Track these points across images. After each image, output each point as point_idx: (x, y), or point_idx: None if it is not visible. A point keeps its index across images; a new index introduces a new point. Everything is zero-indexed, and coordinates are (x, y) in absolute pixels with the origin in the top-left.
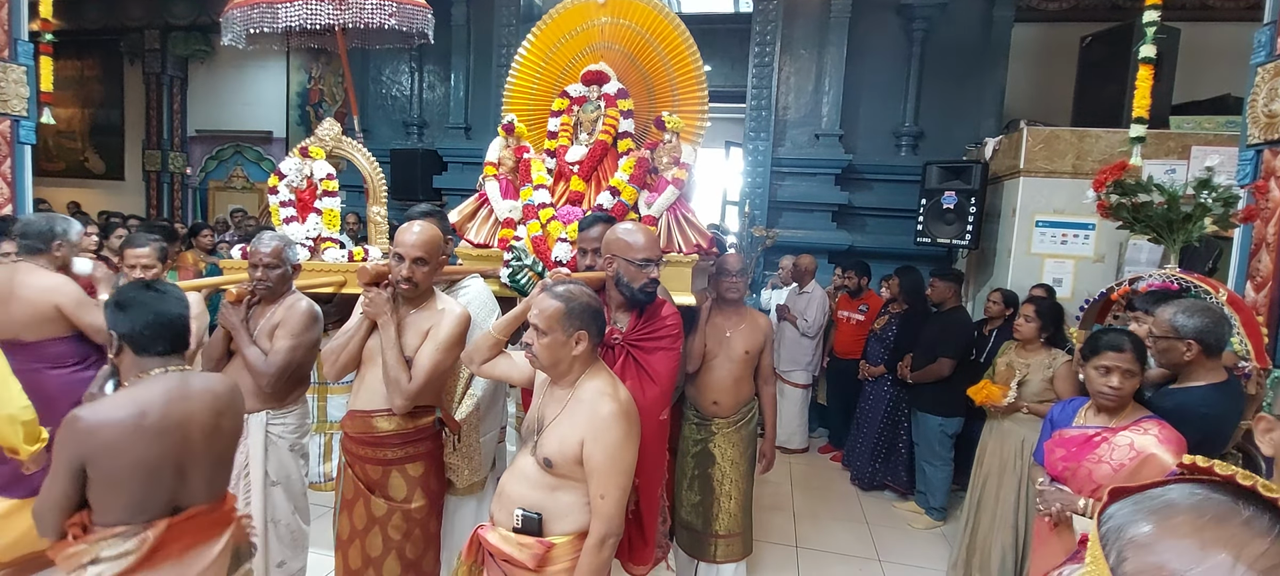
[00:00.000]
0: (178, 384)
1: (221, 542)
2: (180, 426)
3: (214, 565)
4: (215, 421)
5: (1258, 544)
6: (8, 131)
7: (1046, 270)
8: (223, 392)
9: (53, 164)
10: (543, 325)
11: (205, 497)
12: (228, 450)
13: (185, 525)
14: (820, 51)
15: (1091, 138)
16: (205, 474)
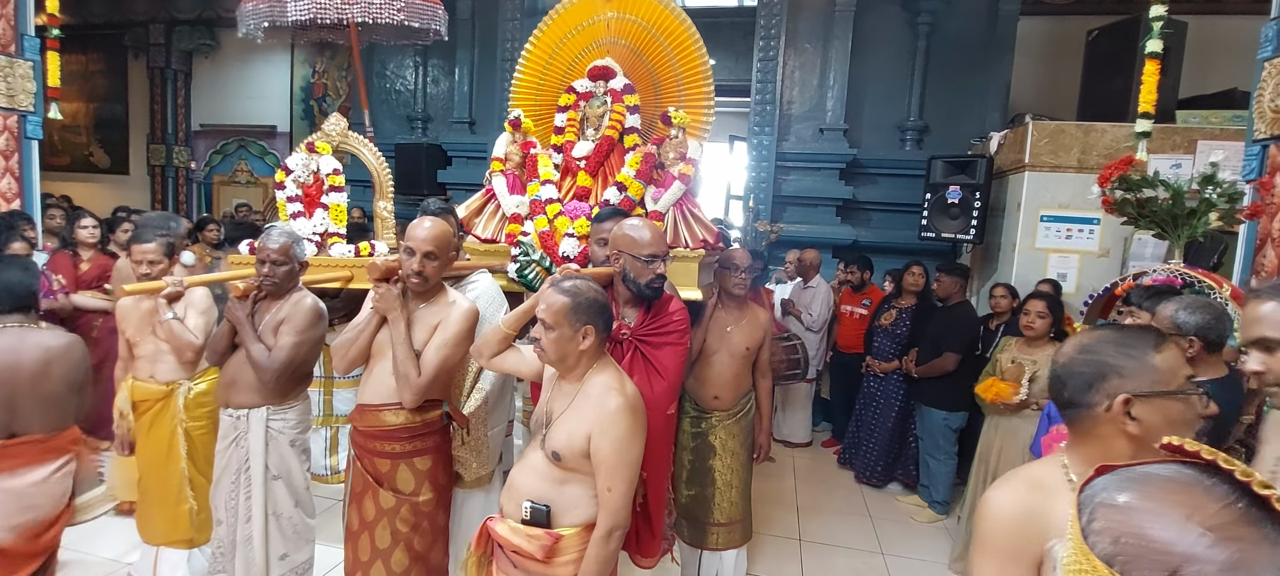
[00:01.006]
0: (14, 338)
1: (52, 466)
2: (9, 370)
3: (46, 483)
4: (44, 369)
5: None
6: (15, 126)
7: (1051, 265)
8: (56, 346)
9: (58, 158)
10: (550, 320)
11: (39, 429)
12: (59, 393)
13: (15, 448)
14: (825, 45)
15: (1097, 132)
16: (35, 410)
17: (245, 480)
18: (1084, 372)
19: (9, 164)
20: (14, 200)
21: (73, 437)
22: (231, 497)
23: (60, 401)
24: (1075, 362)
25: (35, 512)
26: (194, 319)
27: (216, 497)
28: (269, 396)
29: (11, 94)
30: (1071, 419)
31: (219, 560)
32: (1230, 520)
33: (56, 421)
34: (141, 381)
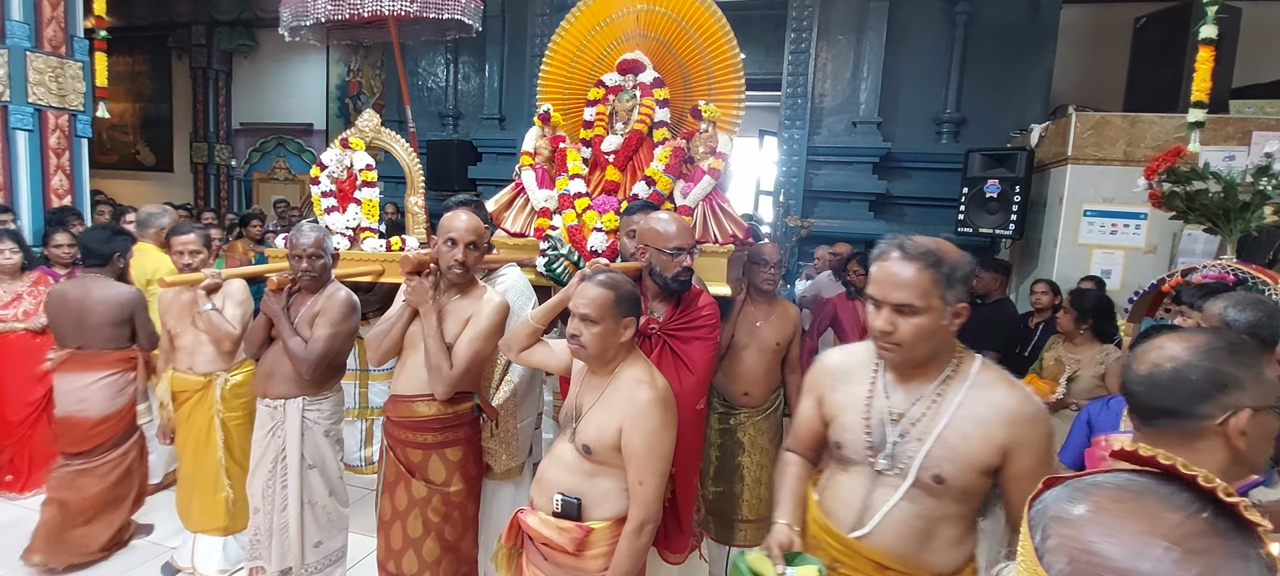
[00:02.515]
0: (89, 282)
1: (98, 375)
2: (80, 303)
3: (93, 387)
4: (101, 307)
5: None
6: (66, 125)
7: (1094, 261)
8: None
9: (107, 156)
10: (594, 314)
11: (95, 347)
12: (108, 325)
13: (79, 357)
14: (858, 37)
15: (1144, 123)
16: (93, 334)
17: (282, 469)
18: (1196, 381)
19: (61, 161)
20: (65, 196)
21: (119, 358)
22: (268, 486)
23: (110, 331)
24: (1187, 369)
25: (85, 406)
26: (231, 309)
27: (253, 486)
28: (305, 387)
29: (63, 94)
30: (1164, 427)
31: (256, 547)
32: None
33: (105, 343)
34: (181, 372)
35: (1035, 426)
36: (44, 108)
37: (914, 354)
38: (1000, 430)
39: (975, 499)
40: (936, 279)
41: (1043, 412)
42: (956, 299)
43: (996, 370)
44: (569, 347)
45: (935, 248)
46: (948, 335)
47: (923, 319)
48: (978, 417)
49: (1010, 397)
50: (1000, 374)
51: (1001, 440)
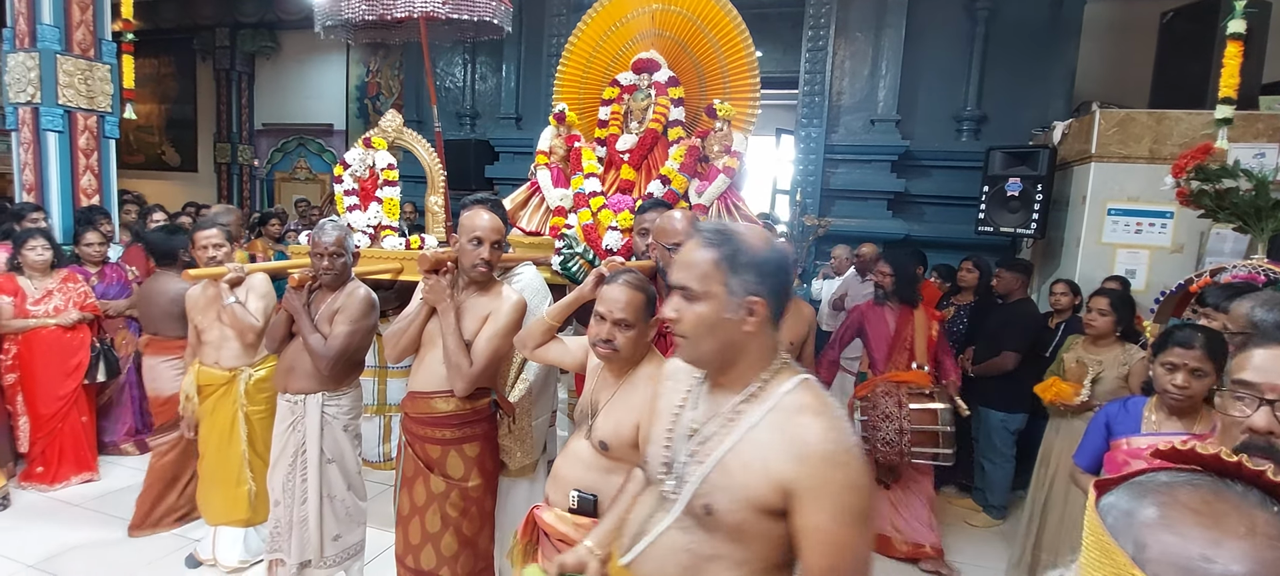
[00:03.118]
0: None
1: (163, 358)
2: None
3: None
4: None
5: (1260, 515)
6: (95, 126)
7: (1119, 261)
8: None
9: (133, 156)
10: (630, 317)
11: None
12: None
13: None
14: (877, 34)
15: (1171, 120)
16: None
17: (301, 463)
18: None
19: (89, 161)
20: (94, 196)
21: (181, 345)
22: (289, 479)
23: (172, 321)
24: None
25: (158, 385)
26: (254, 303)
27: (274, 479)
28: (324, 383)
29: (92, 96)
30: None
31: (276, 539)
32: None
33: (170, 332)
34: (207, 366)
35: (832, 470)
36: (73, 109)
37: (700, 350)
38: (785, 465)
39: (758, 544)
40: (718, 261)
41: (848, 457)
42: (746, 289)
43: (812, 394)
44: (599, 353)
45: (727, 228)
46: (748, 338)
47: (702, 306)
48: (764, 444)
49: (810, 429)
50: (813, 400)
51: (783, 478)
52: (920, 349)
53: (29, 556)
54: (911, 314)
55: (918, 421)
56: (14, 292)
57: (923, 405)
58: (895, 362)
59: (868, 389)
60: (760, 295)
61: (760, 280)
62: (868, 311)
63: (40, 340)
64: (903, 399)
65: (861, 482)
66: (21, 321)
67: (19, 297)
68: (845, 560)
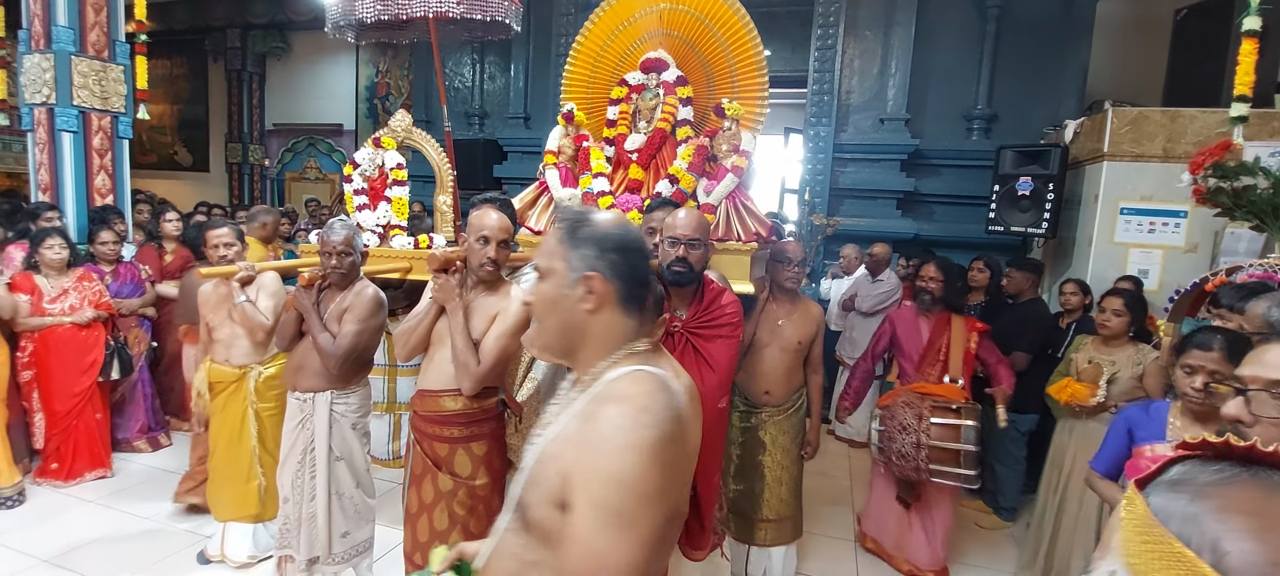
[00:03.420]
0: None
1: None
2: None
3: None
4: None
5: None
6: (109, 127)
7: (1131, 261)
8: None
9: (146, 156)
10: None
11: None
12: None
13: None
14: (886, 32)
15: (1185, 118)
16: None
17: (310, 460)
18: None
19: (103, 162)
20: (108, 195)
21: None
22: (298, 476)
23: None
24: None
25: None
26: (264, 301)
27: (283, 476)
28: (333, 381)
29: (105, 97)
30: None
31: (285, 536)
32: None
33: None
34: (218, 364)
35: (597, 456)
36: (88, 110)
37: (546, 332)
38: (569, 452)
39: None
40: (562, 237)
41: (621, 448)
42: (584, 264)
43: (632, 383)
44: None
45: (579, 210)
46: (588, 319)
47: (547, 284)
48: (566, 435)
49: (601, 415)
50: (628, 387)
51: (565, 465)
52: (955, 360)
53: (44, 551)
54: (948, 323)
55: (938, 437)
56: (31, 291)
57: (946, 420)
58: (926, 374)
59: (890, 398)
60: (597, 270)
61: (599, 254)
62: (900, 318)
63: (56, 338)
64: (925, 412)
65: (628, 478)
66: (38, 319)
67: (36, 296)
68: (586, 563)
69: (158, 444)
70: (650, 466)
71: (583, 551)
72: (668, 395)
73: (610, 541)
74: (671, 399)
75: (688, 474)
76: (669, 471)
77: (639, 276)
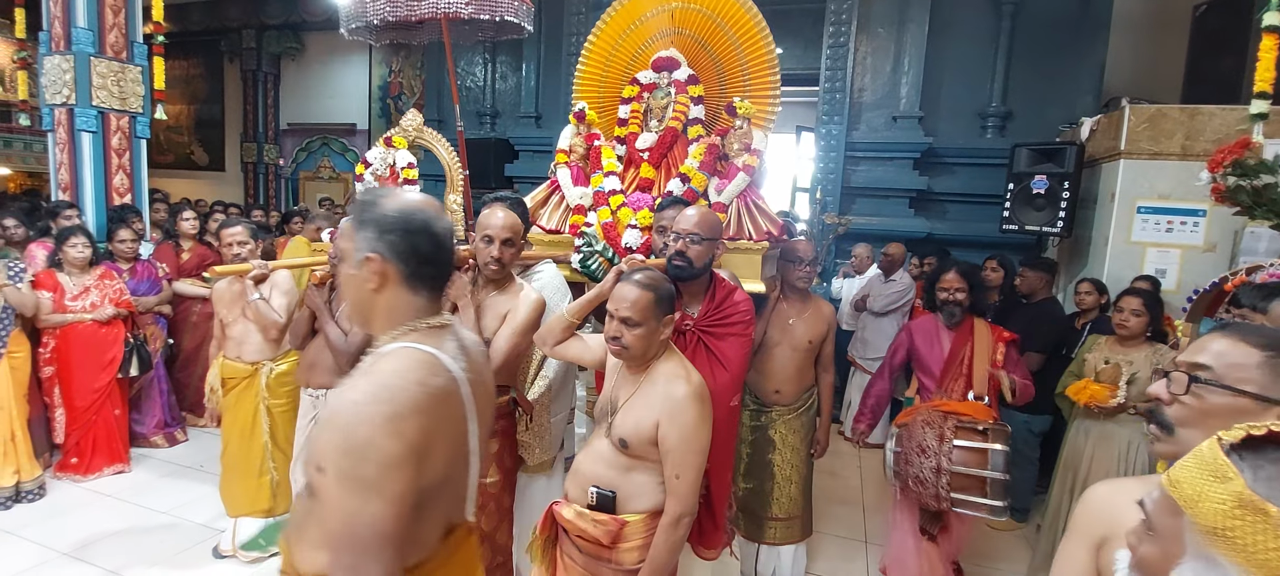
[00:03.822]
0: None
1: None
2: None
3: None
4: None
5: None
6: (127, 127)
7: (1148, 260)
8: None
9: (163, 156)
10: (636, 316)
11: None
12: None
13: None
14: (900, 29)
15: (1204, 115)
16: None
17: None
18: None
19: (122, 161)
20: (126, 194)
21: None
22: None
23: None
24: None
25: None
26: (278, 299)
27: (296, 472)
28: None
29: (124, 97)
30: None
31: None
32: None
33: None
34: (230, 360)
35: (331, 432)
36: (106, 110)
37: (350, 308)
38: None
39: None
40: (352, 221)
41: (349, 419)
42: (367, 244)
43: (390, 359)
44: (609, 349)
45: (371, 192)
46: (373, 297)
47: (344, 264)
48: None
49: (350, 386)
50: (384, 364)
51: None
52: (980, 375)
53: (63, 544)
54: (971, 331)
55: (962, 462)
56: (53, 288)
57: (971, 443)
58: (949, 390)
59: (909, 416)
60: (377, 251)
61: (379, 236)
62: (918, 328)
63: (77, 335)
64: (947, 432)
65: (357, 445)
66: (60, 316)
67: (58, 293)
68: (339, 524)
69: (174, 439)
70: (384, 437)
71: (334, 510)
72: (423, 372)
73: (357, 503)
74: (426, 375)
75: (449, 445)
76: (411, 442)
77: (423, 255)
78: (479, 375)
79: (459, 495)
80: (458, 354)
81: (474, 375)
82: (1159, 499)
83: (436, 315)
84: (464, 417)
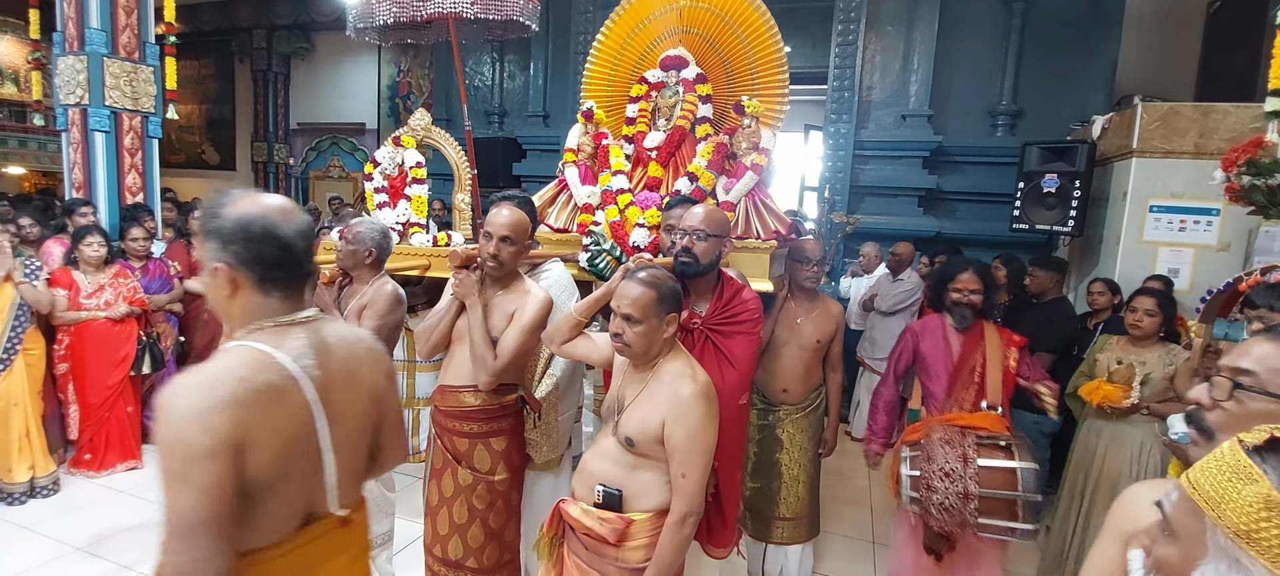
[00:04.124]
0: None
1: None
2: None
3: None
4: None
5: None
6: (139, 126)
7: (1160, 260)
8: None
9: (175, 156)
10: (638, 313)
11: None
12: None
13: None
14: (909, 27)
15: (1217, 113)
16: None
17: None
18: None
19: (134, 160)
20: (138, 193)
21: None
22: None
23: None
24: None
25: None
26: None
27: None
28: None
29: (136, 97)
30: None
31: None
32: None
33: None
34: None
35: (160, 420)
36: (119, 110)
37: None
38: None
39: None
40: (199, 230)
41: (172, 414)
42: (213, 256)
43: (219, 356)
44: (613, 345)
45: (215, 200)
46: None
47: (204, 274)
48: None
49: (172, 384)
50: (212, 362)
51: None
52: (993, 382)
53: (77, 539)
54: (981, 335)
55: (990, 484)
56: (69, 286)
57: (996, 462)
58: (959, 399)
59: (921, 432)
60: (223, 262)
61: (222, 247)
62: (925, 330)
63: (91, 332)
64: (969, 452)
65: (168, 439)
66: (74, 313)
67: (73, 291)
68: (164, 509)
69: None
70: (192, 431)
71: (163, 497)
72: (247, 369)
73: (171, 492)
74: (251, 372)
75: (282, 439)
76: (223, 436)
77: (269, 261)
78: (342, 371)
79: (312, 487)
80: (306, 352)
81: (328, 372)
82: (1178, 500)
83: (290, 313)
84: (307, 413)
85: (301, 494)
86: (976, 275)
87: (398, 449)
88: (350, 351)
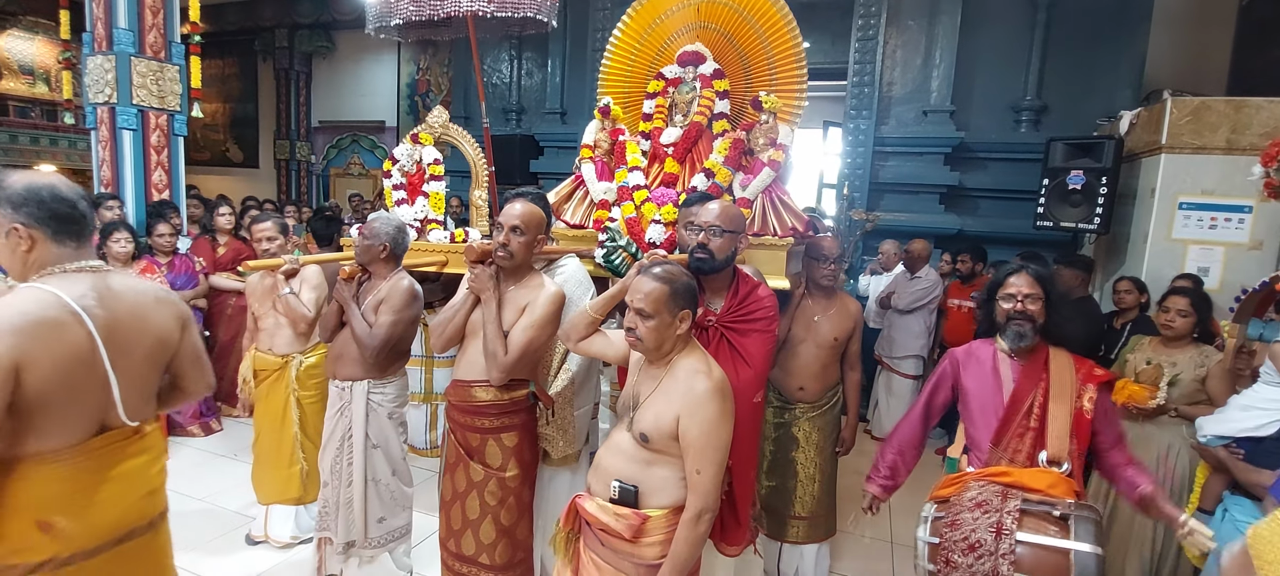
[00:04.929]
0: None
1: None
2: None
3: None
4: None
5: None
6: (165, 125)
7: (1190, 258)
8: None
9: (200, 154)
10: (650, 308)
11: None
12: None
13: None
14: (931, 22)
15: (1251, 108)
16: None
17: (348, 447)
18: None
19: (160, 158)
20: (164, 191)
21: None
22: (336, 462)
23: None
24: None
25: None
26: (307, 293)
27: (323, 461)
28: (370, 371)
29: (162, 96)
30: None
31: (324, 519)
32: None
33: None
34: (262, 352)
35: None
36: (146, 108)
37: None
38: None
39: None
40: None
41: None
42: (6, 220)
43: (9, 295)
44: (626, 340)
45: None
46: (27, 258)
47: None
48: None
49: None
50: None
51: None
52: (1057, 429)
53: None
54: (1044, 366)
55: (1031, 568)
56: None
57: (1044, 539)
58: (1011, 448)
59: (954, 488)
60: (19, 223)
61: (14, 211)
62: (969, 359)
63: None
64: (1007, 520)
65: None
66: None
67: None
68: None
69: (210, 429)
70: None
71: None
72: (29, 305)
73: None
74: (32, 306)
75: (64, 363)
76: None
77: (61, 216)
78: (128, 313)
79: (102, 403)
80: (88, 293)
81: (114, 312)
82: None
83: (79, 261)
84: (89, 343)
85: (91, 409)
86: (1034, 278)
87: (198, 380)
88: (137, 298)
